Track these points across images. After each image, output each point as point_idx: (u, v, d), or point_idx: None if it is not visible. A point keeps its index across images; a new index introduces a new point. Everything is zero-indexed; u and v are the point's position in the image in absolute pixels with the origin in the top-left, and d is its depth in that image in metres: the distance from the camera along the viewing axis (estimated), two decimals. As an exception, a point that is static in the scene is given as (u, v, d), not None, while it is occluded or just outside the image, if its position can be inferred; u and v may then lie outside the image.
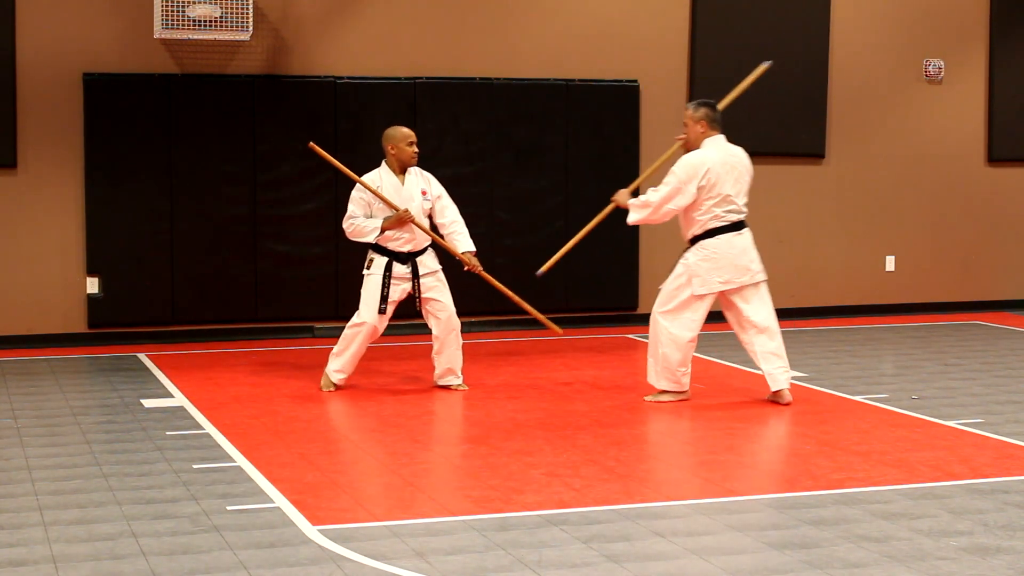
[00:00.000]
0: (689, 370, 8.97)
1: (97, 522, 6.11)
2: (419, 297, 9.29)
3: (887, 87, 13.60)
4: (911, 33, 13.65)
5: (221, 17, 11.18)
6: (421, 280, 9.26)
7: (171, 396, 9.22)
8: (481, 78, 12.23)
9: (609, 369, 10.35)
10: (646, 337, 11.66)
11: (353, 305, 9.43)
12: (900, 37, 13.62)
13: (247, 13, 11.23)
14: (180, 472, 7.05)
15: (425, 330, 12.76)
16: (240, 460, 7.33)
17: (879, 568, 5.49)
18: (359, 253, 11.73)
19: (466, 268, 9.41)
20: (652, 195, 8.91)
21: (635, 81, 12.70)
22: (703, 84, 12.82)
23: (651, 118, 12.78)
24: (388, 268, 9.23)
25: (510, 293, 9.68)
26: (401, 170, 9.30)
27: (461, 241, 9.38)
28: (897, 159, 13.69)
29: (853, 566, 5.51)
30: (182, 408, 8.80)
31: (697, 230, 8.86)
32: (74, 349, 11.30)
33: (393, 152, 9.27)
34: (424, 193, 9.31)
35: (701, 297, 8.85)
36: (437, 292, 9.32)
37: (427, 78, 12.04)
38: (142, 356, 10.89)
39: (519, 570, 5.45)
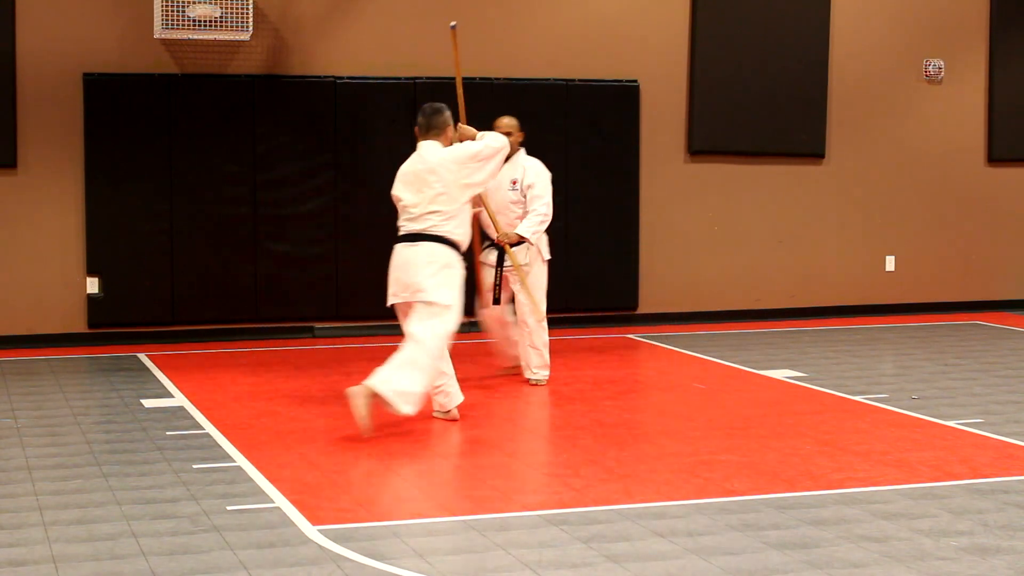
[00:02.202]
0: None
1: (97, 522, 6.11)
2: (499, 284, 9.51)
3: (887, 87, 13.60)
4: (911, 33, 13.64)
5: (221, 17, 11.18)
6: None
7: (171, 396, 9.22)
8: (481, 78, 12.21)
9: (609, 369, 10.35)
10: (646, 337, 11.70)
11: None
12: (900, 37, 13.62)
13: (247, 13, 11.23)
14: (180, 472, 7.05)
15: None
16: (240, 460, 7.32)
17: (879, 568, 5.49)
18: (359, 253, 11.77)
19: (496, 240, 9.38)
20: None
21: (635, 81, 12.70)
22: (703, 84, 12.83)
23: (651, 118, 12.78)
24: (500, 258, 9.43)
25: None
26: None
27: (519, 224, 9.38)
28: (897, 159, 13.69)
29: (853, 566, 5.51)
30: (182, 408, 8.80)
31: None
32: (74, 349, 11.29)
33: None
34: (514, 183, 9.46)
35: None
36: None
37: (427, 78, 12.03)
38: (142, 356, 10.89)
39: (519, 570, 5.44)
